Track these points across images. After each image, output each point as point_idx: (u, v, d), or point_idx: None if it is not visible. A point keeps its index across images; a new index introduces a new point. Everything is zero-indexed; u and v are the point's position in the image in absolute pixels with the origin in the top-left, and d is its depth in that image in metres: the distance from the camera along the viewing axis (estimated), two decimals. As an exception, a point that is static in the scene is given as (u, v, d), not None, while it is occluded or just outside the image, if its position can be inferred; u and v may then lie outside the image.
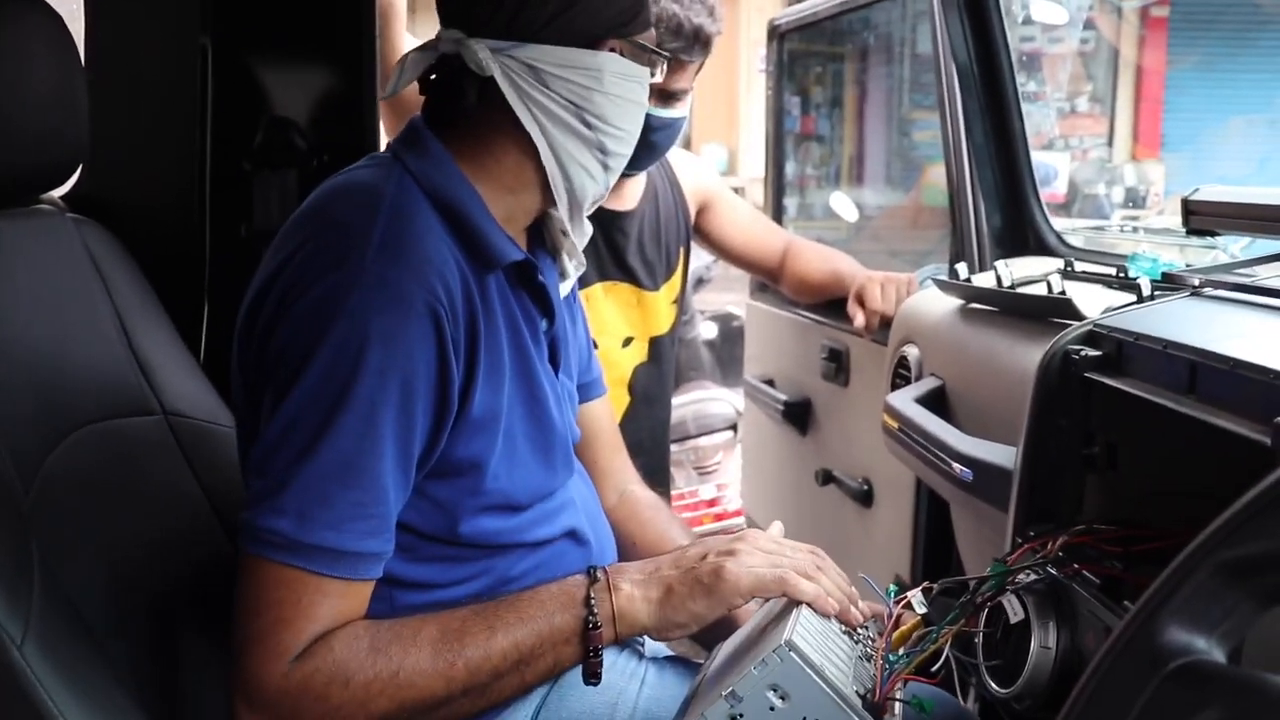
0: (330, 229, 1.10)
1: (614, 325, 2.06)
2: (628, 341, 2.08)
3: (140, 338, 1.43)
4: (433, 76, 1.20)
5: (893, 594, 1.13)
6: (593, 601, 1.08)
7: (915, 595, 1.10)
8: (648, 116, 1.78)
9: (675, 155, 2.20)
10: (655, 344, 2.13)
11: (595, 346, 1.93)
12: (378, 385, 1.02)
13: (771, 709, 0.96)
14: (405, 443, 1.05)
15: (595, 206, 1.24)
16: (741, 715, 0.97)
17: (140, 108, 1.68)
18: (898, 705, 1.03)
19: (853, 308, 2.09)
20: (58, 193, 1.52)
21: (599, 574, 1.11)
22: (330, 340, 1.02)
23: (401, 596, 1.14)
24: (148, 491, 1.36)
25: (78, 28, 1.42)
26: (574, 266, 1.29)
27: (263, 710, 1.02)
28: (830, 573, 1.13)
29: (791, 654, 0.98)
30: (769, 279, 2.40)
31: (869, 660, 1.07)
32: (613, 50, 1.17)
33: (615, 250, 2.05)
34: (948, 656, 1.06)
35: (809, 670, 0.98)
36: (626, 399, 2.08)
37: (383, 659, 1.03)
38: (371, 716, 1.04)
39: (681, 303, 2.19)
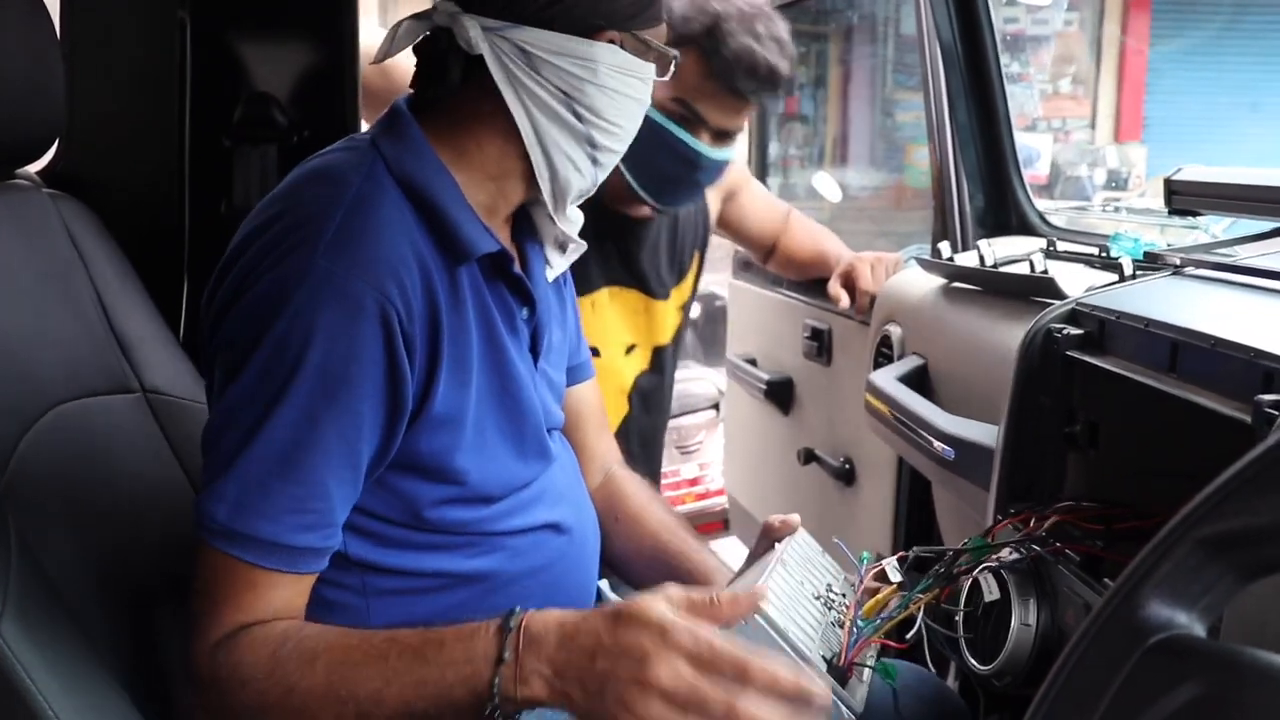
0: (289, 216, 1.07)
1: (617, 332, 1.99)
2: (630, 349, 2.01)
3: (118, 315, 1.42)
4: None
5: (866, 561, 1.13)
6: (497, 688, 0.97)
7: (890, 563, 1.10)
8: (695, 155, 1.74)
9: None
10: (658, 353, 2.05)
11: (597, 354, 1.91)
12: (318, 382, 1.01)
13: None
14: (350, 440, 1.03)
15: (581, 199, 1.22)
16: None
17: (118, 83, 1.67)
18: (866, 672, 1.02)
19: (835, 288, 2.07)
20: (34, 168, 1.50)
21: (508, 654, 0.97)
22: (274, 334, 1.01)
23: (375, 582, 1.13)
24: (126, 469, 1.35)
25: (53, 2, 1.40)
26: (570, 250, 1.27)
27: (194, 689, 1.03)
28: (775, 702, 0.91)
29: (755, 617, 0.98)
30: (763, 257, 2.36)
31: (840, 627, 1.07)
32: (612, 42, 1.14)
33: (626, 256, 1.96)
34: (921, 626, 1.06)
35: (772, 633, 0.98)
36: (625, 407, 2.01)
37: (279, 673, 1.00)
38: None
39: (688, 310, 2.10)
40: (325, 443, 1.02)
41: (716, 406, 3.68)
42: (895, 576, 1.09)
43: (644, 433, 2.05)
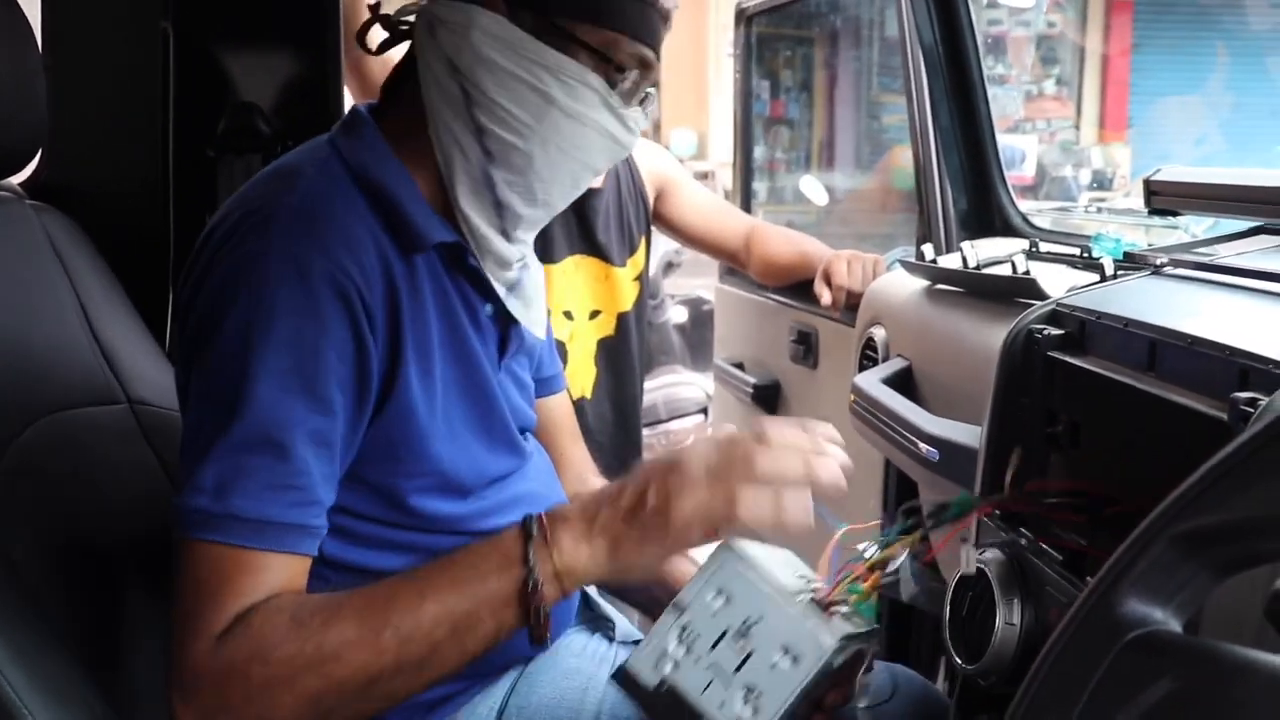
0: (244, 208, 1.08)
1: (583, 298, 2.09)
2: (594, 314, 2.12)
3: (103, 326, 1.42)
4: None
5: (844, 526, 1.12)
6: (531, 561, 0.97)
7: (866, 545, 1.09)
8: None
9: (638, 147, 2.20)
10: (621, 320, 2.15)
11: (570, 318, 2.02)
12: (284, 357, 1.00)
13: (713, 615, 0.95)
14: (321, 414, 1.02)
15: (476, 198, 1.13)
16: (688, 624, 0.96)
17: (100, 93, 1.67)
18: (844, 607, 1.02)
19: (819, 286, 2.12)
20: (16, 180, 1.50)
21: (535, 527, 0.99)
22: (236, 313, 1.01)
23: (350, 583, 1.09)
24: (112, 480, 1.35)
25: (34, 11, 1.40)
26: (516, 266, 1.21)
27: (192, 694, 0.96)
28: (779, 461, 0.97)
29: (731, 553, 0.98)
30: (734, 263, 2.41)
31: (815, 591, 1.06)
32: (495, 9, 1.08)
33: (586, 225, 2.07)
34: (900, 576, 1.05)
35: (749, 571, 0.97)
36: (594, 371, 2.12)
37: (305, 632, 0.95)
38: (300, 697, 0.95)
39: (644, 282, 2.21)
40: (298, 417, 1.00)
41: (705, 411, 3.69)
42: (871, 550, 1.08)
43: (615, 398, 2.16)
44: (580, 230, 2.07)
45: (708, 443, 0.99)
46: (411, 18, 1.14)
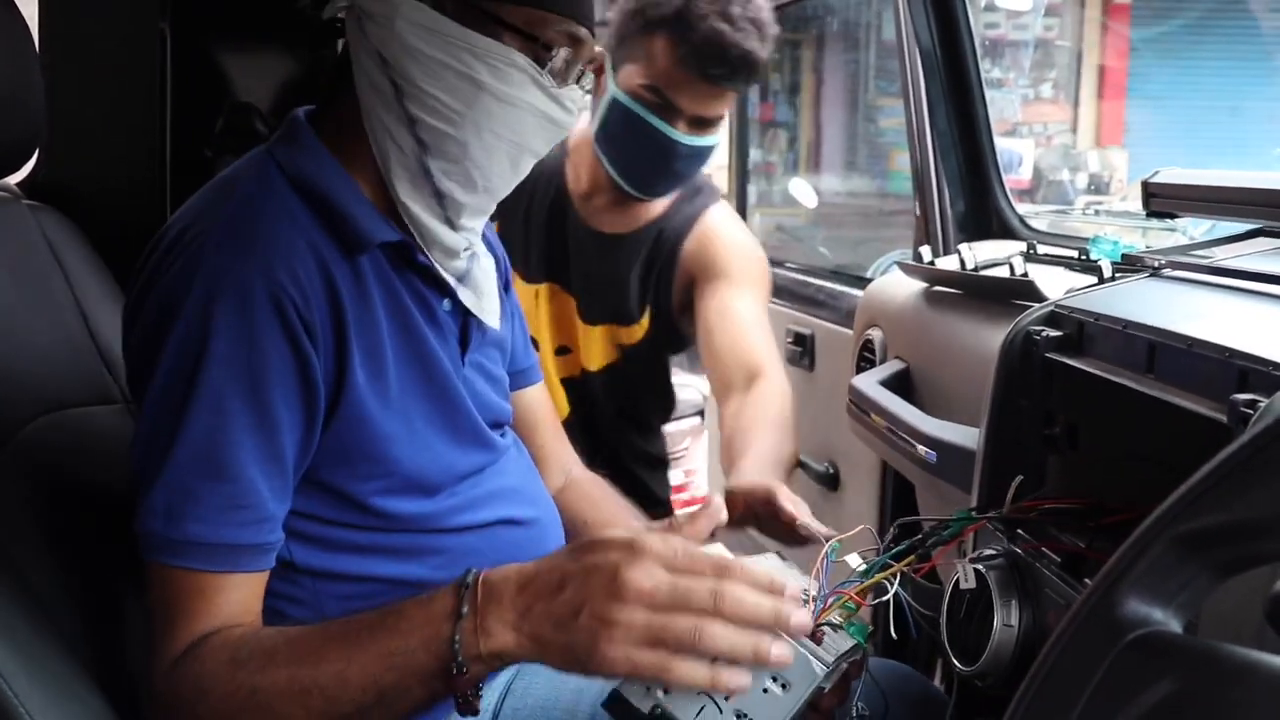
0: (180, 224, 1.08)
1: (546, 329, 1.92)
2: (561, 350, 1.94)
3: (100, 325, 1.42)
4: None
5: (837, 549, 1.12)
6: (457, 645, 0.92)
7: (853, 557, 1.09)
8: (671, 143, 1.67)
9: (714, 218, 1.88)
10: (586, 375, 1.94)
11: (536, 346, 1.86)
12: (224, 376, 1.00)
13: None
14: (266, 431, 1.02)
15: (413, 190, 1.12)
16: None
17: (98, 93, 1.66)
18: (834, 619, 1.01)
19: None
20: (14, 179, 1.50)
21: (466, 604, 0.94)
22: (174, 336, 1.01)
23: (326, 588, 1.11)
24: (110, 478, 1.34)
25: (31, 11, 1.39)
26: (463, 257, 1.18)
27: (155, 711, 1.01)
28: (737, 608, 0.88)
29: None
30: (715, 391, 1.86)
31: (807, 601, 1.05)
32: None
33: (568, 262, 1.88)
34: (896, 595, 1.05)
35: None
36: (564, 408, 1.94)
37: (241, 674, 0.96)
38: None
39: (630, 358, 1.92)
40: (242, 437, 1.01)
41: (701, 413, 3.68)
42: (860, 566, 1.08)
43: (587, 445, 1.83)
44: (562, 263, 1.89)
45: (662, 556, 0.89)
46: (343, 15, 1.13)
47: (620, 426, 2.02)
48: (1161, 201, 1.51)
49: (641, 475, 2.04)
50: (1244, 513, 0.55)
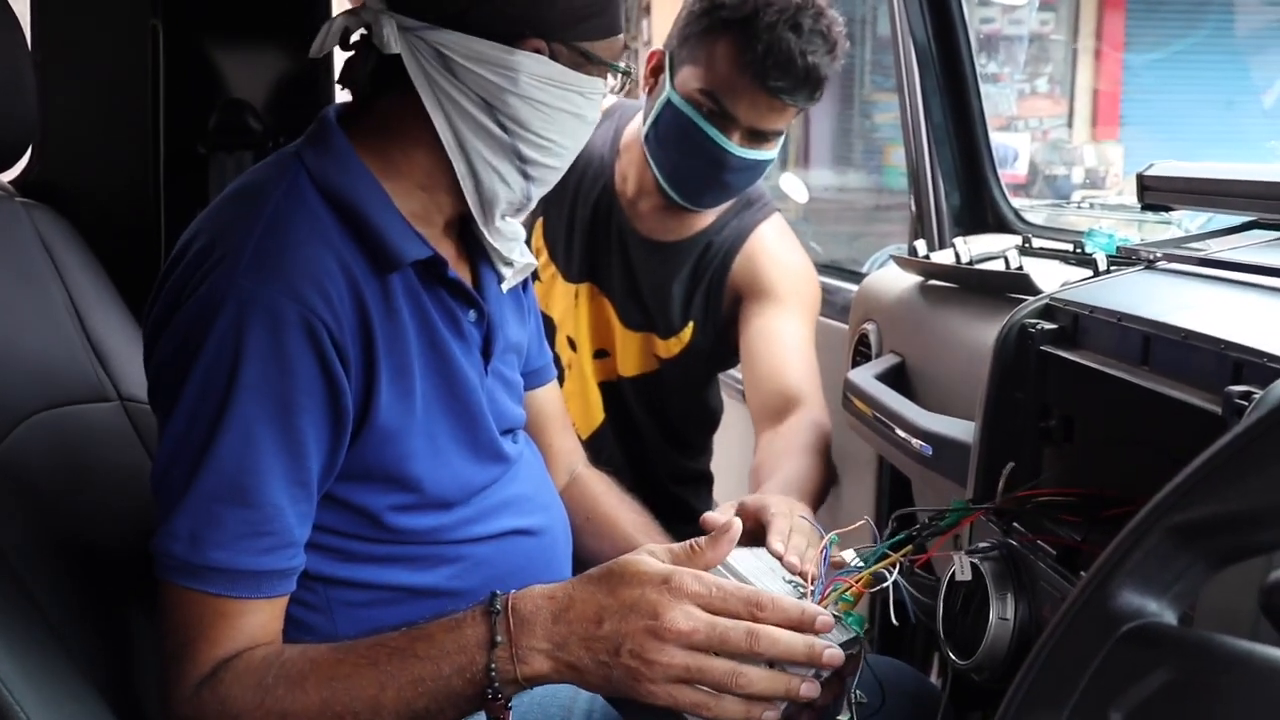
0: (208, 236, 1.06)
1: (584, 330, 1.89)
2: (601, 353, 1.91)
3: (94, 323, 1.42)
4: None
5: (835, 542, 1.12)
6: (494, 671, 0.96)
7: (849, 553, 1.09)
8: (724, 153, 1.62)
9: (767, 232, 1.83)
10: (620, 380, 1.89)
11: (573, 346, 1.88)
12: (254, 402, 1.00)
13: None
14: (295, 457, 1.02)
15: (519, 214, 1.19)
16: None
17: (91, 91, 1.66)
18: (831, 613, 1.02)
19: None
20: (7, 177, 1.50)
21: (501, 632, 0.97)
22: (203, 361, 1.00)
23: (339, 595, 1.12)
24: (104, 477, 1.34)
25: (23, 8, 1.39)
26: (520, 267, 1.23)
27: None
28: (772, 648, 0.95)
29: (719, 566, 1.00)
30: (755, 415, 1.80)
31: (806, 596, 1.06)
32: (539, 51, 1.09)
33: (609, 263, 1.83)
34: (895, 584, 1.05)
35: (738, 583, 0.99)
36: (599, 416, 1.92)
37: (270, 700, 0.98)
38: None
39: (669, 372, 1.88)
40: (270, 464, 1.00)
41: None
42: (854, 559, 1.08)
43: (627, 453, 1.91)
44: (605, 264, 1.84)
45: (697, 596, 0.95)
46: (399, 46, 1.09)
47: (657, 440, 1.96)
48: (1156, 195, 1.51)
49: (677, 491, 1.98)
50: (1238, 503, 0.55)
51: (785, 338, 1.78)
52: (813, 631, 0.96)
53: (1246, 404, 0.82)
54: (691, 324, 1.85)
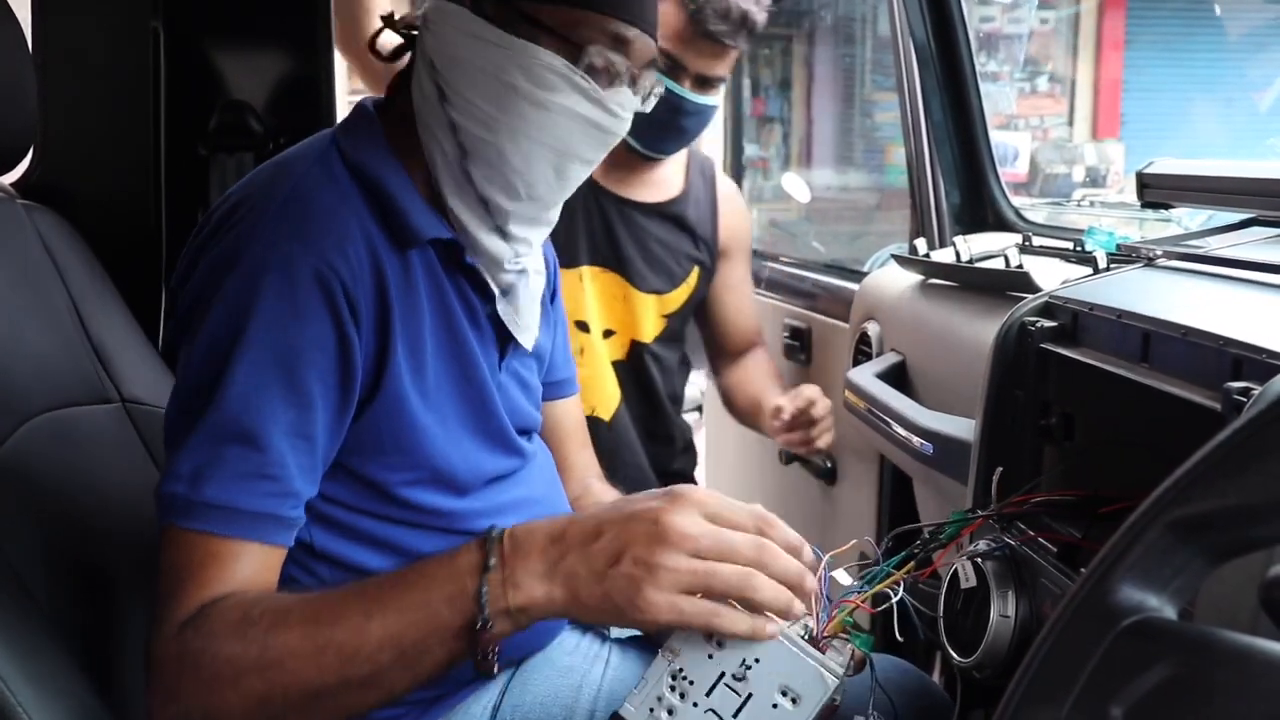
0: (238, 197, 1.09)
1: (597, 313, 1.98)
2: (608, 334, 2.01)
3: (96, 325, 1.42)
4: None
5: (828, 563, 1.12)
6: (484, 599, 0.91)
7: (840, 574, 1.08)
8: (679, 100, 1.82)
9: (730, 190, 2.12)
10: (635, 347, 2.02)
11: (586, 329, 1.94)
12: (264, 347, 1.00)
13: (709, 656, 0.93)
14: (301, 408, 1.02)
15: (458, 195, 1.12)
16: (681, 669, 0.94)
17: (91, 93, 1.66)
18: (837, 640, 1.01)
19: (774, 430, 1.92)
20: (8, 179, 1.50)
21: (494, 556, 0.93)
22: (219, 306, 1.02)
23: (340, 577, 1.10)
24: (106, 479, 1.34)
25: (24, 11, 1.39)
26: (510, 270, 1.18)
27: (154, 679, 0.96)
28: (775, 562, 0.91)
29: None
30: (713, 359, 2.23)
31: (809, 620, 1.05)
32: (461, 3, 1.07)
33: (612, 236, 1.96)
34: (909, 612, 1.05)
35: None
36: (616, 394, 2.01)
37: (252, 632, 0.93)
38: (245, 697, 0.93)
39: (675, 324, 2.06)
40: (275, 409, 1.00)
41: (699, 408, 3.68)
42: (847, 579, 1.08)
43: (643, 426, 2.04)
44: (606, 239, 1.96)
45: (703, 505, 0.91)
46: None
47: (667, 406, 2.09)
48: (1155, 192, 1.51)
49: (681, 467, 2.16)
50: (1237, 498, 0.55)
51: (746, 287, 2.17)
52: (801, 562, 0.93)
53: (1245, 400, 0.82)
54: (696, 269, 2.05)
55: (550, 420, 1.37)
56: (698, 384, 3.72)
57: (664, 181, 2.02)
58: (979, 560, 1.12)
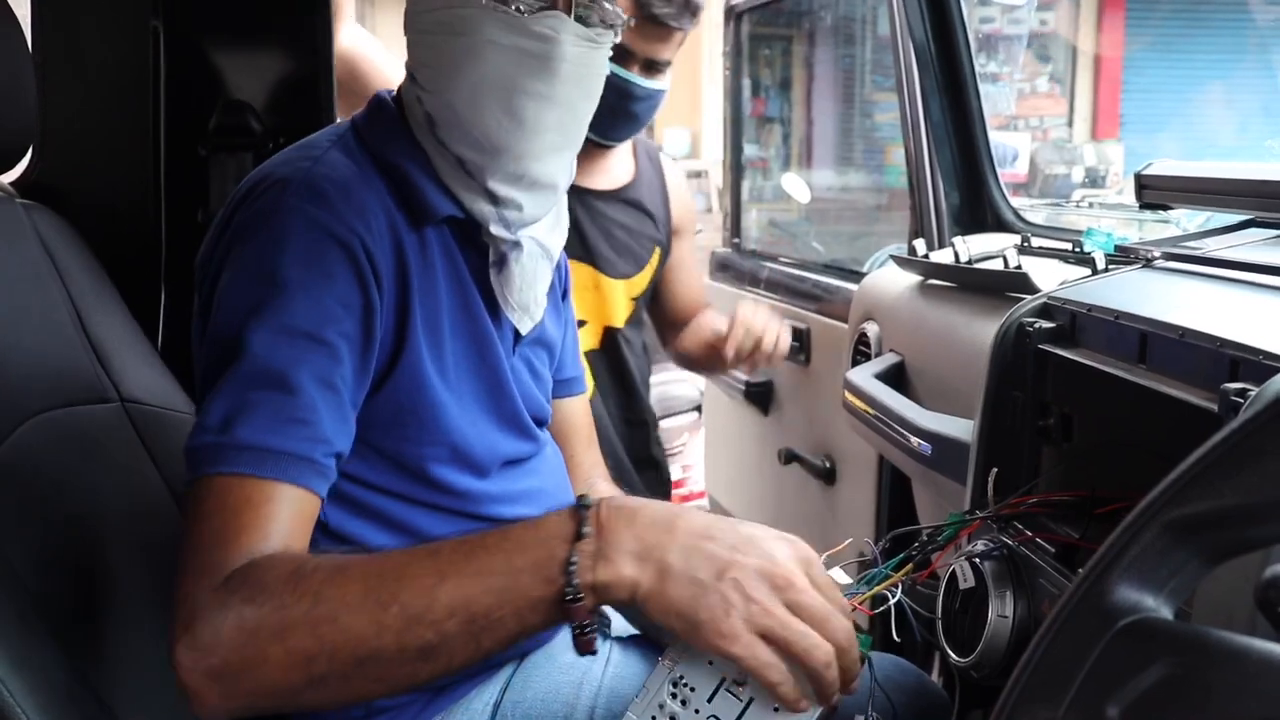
0: (266, 170, 1.12)
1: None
2: (581, 324, 2.00)
3: (95, 325, 1.42)
4: None
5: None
6: (573, 567, 0.85)
7: (835, 570, 1.09)
8: (629, 86, 1.82)
9: (675, 171, 2.18)
10: (608, 334, 2.06)
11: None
12: (293, 298, 1.01)
13: (710, 663, 0.93)
14: (329, 359, 1.01)
15: (444, 165, 1.14)
16: (682, 676, 0.93)
17: (90, 92, 1.66)
18: None
19: (728, 361, 1.99)
20: (7, 179, 1.50)
21: (587, 528, 0.87)
22: (245, 262, 1.04)
23: None
24: (106, 479, 1.34)
25: (23, 11, 1.39)
26: (493, 224, 1.16)
27: (192, 633, 0.87)
28: (850, 653, 0.88)
29: None
30: (663, 333, 2.27)
31: None
32: None
33: (577, 227, 1.96)
34: (906, 613, 1.05)
35: None
36: (590, 383, 2.02)
37: (305, 584, 0.87)
38: (291, 653, 0.86)
39: (641, 306, 2.12)
40: (304, 357, 1.00)
41: (698, 409, 3.69)
42: (843, 578, 1.07)
43: (619, 415, 2.08)
44: (571, 231, 1.93)
45: (813, 564, 0.89)
46: None
47: (641, 393, 2.13)
48: (1154, 194, 1.51)
49: (656, 454, 2.20)
50: (1233, 498, 0.55)
51: (694, 263, 2.25)
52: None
53: (1242, 401, 0.83)
54: (657, 250, 2.10)
55: (558, 418, 1.39)
56: (696, 385, 3.73)
57: (617, 168, 2.06)
58: (977, 561, 1.12)
